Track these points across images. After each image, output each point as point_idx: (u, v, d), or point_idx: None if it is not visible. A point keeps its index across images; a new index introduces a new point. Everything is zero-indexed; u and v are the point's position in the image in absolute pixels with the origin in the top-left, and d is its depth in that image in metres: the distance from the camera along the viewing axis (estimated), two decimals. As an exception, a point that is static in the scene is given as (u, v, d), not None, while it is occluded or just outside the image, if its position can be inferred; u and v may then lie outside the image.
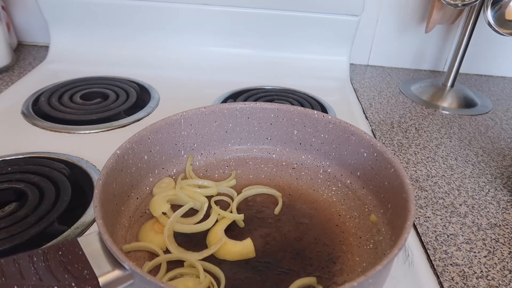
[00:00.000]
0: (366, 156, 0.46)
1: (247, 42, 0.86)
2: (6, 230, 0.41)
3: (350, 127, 0.47)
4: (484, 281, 0.42)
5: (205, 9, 0.81)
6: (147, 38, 0.85)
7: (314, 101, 0.73)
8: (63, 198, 0.46)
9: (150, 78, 0.79)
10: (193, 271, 0.36)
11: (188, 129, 0.49)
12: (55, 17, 0.82)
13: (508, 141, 0.70)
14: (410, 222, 0.34)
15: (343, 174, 0.50)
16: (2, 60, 0.79)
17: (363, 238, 0.42)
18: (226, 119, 0.51)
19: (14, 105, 0.67)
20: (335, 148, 0.50)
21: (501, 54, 0.94)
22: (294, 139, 0.52)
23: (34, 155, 0.54)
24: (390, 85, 0.88)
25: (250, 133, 0.52)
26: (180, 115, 0.47)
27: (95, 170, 0.51)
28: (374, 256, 0.40)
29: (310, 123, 0.50)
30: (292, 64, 0.86)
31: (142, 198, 0.45)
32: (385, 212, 0.43)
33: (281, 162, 0.52)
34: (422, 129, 0.71)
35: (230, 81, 0.79)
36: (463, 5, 0.72)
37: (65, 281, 0.29)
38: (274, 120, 0.51)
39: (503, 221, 0.51)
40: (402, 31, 0.91)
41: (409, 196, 0.37)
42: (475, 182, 0.58)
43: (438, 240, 0.47)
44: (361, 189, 0.47)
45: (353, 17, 0.82)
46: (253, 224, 0.43)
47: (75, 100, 0.69)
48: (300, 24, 0.83)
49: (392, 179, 0.41)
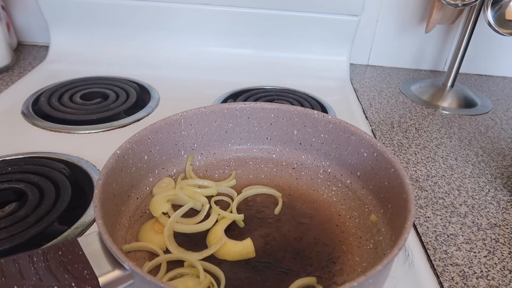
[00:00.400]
0: (366, 156, 0.46)
1: (247, 42, 0.86)
2: (6, 230, 0.41)
3: (350, 127, 0.47)
4: (484, 281, 0.42)
5: (205, 9, 0.81)
6: (147, 38, 0.85)
7: (314, 101, 0.73)
8: (63, 198, 0.46)
9: (150, 78, 0.79)
10: (193, 271, 0.36)
11: (188, 129, 0.49)
12: (55, 17, 0.82)
13: (508, 141, 0.70)
14: (410, 222, 0.34)
15: (343, 174, 0.50)
16: (2, 60, 0.79)
17: (363, 238, 0.42)
18: (226, 119, 0.51)
19: (14, 105, 0.67)
20: (335, 148, 0.50)
21: (501, 54, 0.94)
22: (294, 139, 0.52)
23: (34, 155, 0.54)
24: (390, 85, 0.88)
25: (250, 133, 0.52)
26: (180, 115, 0.47)
27: (95, 170, 0.51)
28: (374, 256, 0.40)
29: (310, 123, 0.50)
30: (292, 64, 0.86)
31: (142, 198, 0.45)
32: (385, 212, 0.43)
33: (281, 162, 0.52)
34: (422, 129, 0.71)
35: (230, 81, 0.79)
36: (463, 5, 0.72)
37: (65, 281, 0.29)
38: (274, 120, 0.51)
39: (503, 221, 0.51)
40: (402, 31, 0.91)
41: (409, 196, 0.37)
42: (475, 182, 0.58)
43: (438, 240, 0.47)
44: (361, 189, 0.47)
45: (353, 17, 0.82)
46: (253, 224, 0.43)
47: (75, 100, 0.69)
48: (300, 24, 0.83)
49: (392, 179, 0.41)
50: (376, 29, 0.91)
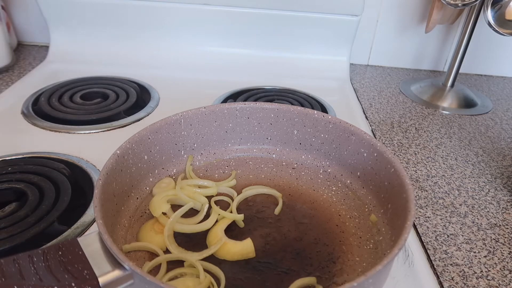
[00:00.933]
0: (366, 156, 0.46)
1: (247, 42, 0.86)
2: (6, 230, 0.41)
3: (350, 127, 0.47)
4: (484, 281, 0.42)
5: (205, 9, 0.81)
6: (147, 38, 0.85)
7: (314, 101, 0.73)
8: (63, 198, 0.46)
9: (150, 78, 0.79)
10: (193, 271, 0.36)
11: (188, 129, 0.49)
12: (55, 17, 0.82)
13: (508, 141, 0.70)
14: (410, 222, 0.34)
15: (343, 174, 0.50)
16: (2, 60, 0.79)
17: (363, 238, 0.42)
18: (226, 119, 0.51)
19: (14, 105, 0.67)
20: (335, 148, 0.50)
21: (501, 54, 0.94)
22: (294, 139, 0.52)
23: (34, 155, 0.54)
24: (390, 85, 0.88)
25: (250, 133, 0.52)
26: (180, 115, 0.47)
27: (95, 170, 0.51)
28: (374, 256, 0.40)
29: (310, 123, 0.50)
30: (292, 64, 0.86)
31: (142, 198, 0.45)
32: (385, 212, 0.43)
33: (281, 162, 0.52)
34: (422, 129, 0.71)
35: (230, 81, 0.79)
36: (463, 5, 0.72)
37: (65, 281, 0.29)
38: (274, 120, 0.51)
39: (503, 221, 0.51)
40: (402, 31, 0.91)
41: (409, 196, 0.37)
42: (475, 182, 0.58)
43: (438, 240, 0.47)
44: (361, 189, 0.47)
45: (353, 17, 0.82)
46: (253, 224, 0.43)
47: (75, 100, 0.69)
48: (300, 24, 0.83)
49: (392, 179, 0.41)
50: (376, 29, 0.91)
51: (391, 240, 0.39)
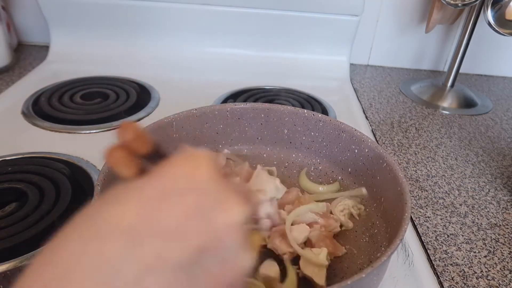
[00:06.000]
0: (357, 152, 0.47)
1: (247, 42, 0.86)
2: (6, 230, 0.41)
3: (341, 124, 0.48)
4: (484, 281, 0.43)
5: (205, 9, 0.81)
6: (148, 38, 0.85)
7: (314, 101, 0.73)
8: (64, 198, 0.46)
9: (150, 78, 0.78)
10: None
11: (180, 131, 0.49)
12: (55, 17, 0.82)
13: (508, 141, 0.70)
14: (408, 214, 0.35)
15: (334, 171, 0.50)
16: (2, 60, 0.79)
17: (358, 232, 0.43)
18: (217, 120, 0.51)
19: (14, 105, 0.67)
20: (326, 145, 0.50)
21: (501, 54, 0.94)
22: (284, 138, 0.52)
23: (34, 155, 0.54)
24: (390, 85, 0.88)
25: (241, 134, 0.52)
26: (173, 118, 0.47)
27: (95, 170, 0.51)
28: (371, 248, 0.41)
29: (300, 122, 0.51)
30: (292, 64, 0.86)
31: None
32: (378, 206, 0.44)
33: (272, 161, 0.53)
34: (422, 129, 0.71)
35: (230, 81, 0.79)
36: (463, 5, 0.72)
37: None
38: (264, 120, 0.52)
39: (503, 221, 0.51)
40: (402, 31, 0.91)
41: (404, 189, 0.37)
42: (475, 182, 0.58)
43: (438, 240, 0.47)
44: (353, 185, 0.48)
45: (353, 17, 0.82)
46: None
47: (75, 100, 0.69)
48: (300, 24, 0.83)
49: (384, 173, 0.42)
50: (376, 29, 0.91)
51: (387, 232, 0.41)
